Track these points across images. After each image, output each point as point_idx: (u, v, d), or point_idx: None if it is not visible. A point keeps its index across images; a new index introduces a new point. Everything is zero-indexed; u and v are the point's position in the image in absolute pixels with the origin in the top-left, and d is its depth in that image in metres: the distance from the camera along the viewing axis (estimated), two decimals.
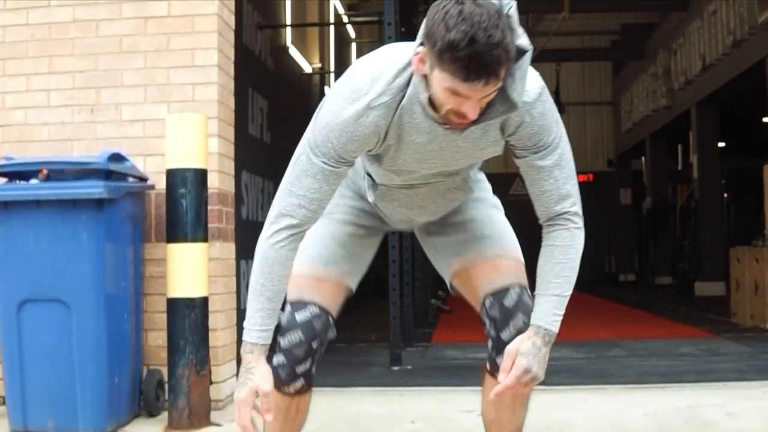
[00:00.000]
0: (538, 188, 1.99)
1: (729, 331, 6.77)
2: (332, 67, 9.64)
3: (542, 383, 2.02)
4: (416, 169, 2.00)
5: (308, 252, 2.17)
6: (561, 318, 2.00)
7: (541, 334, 1.97)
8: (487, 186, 2.31)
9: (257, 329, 1.98)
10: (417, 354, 5.62)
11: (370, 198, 2.12)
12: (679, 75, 12.86)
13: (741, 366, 4.84)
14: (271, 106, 6.97)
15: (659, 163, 16.06)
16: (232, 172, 4.21)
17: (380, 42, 5.98)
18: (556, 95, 14.02)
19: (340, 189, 2.19)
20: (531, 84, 1.88)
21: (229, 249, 4.14)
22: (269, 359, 2.03)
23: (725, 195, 15.27)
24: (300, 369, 2.12)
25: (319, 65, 8.87)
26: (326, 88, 9.36)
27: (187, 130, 3.61)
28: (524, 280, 2.15)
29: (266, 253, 1.98)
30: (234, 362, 4.21)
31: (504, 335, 2.08)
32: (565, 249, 2.00)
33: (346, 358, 5.51)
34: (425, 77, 1.78)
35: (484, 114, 1.80)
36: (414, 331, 6.38)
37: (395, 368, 4.95)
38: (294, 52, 8.01)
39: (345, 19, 10.65)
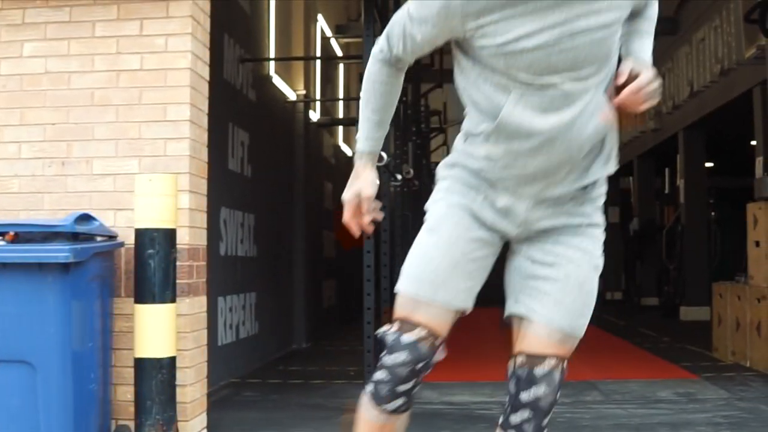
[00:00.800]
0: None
1: (709, 370, 6.76)
2: (318, 94, 9.61)
3: None
4: (540, 38, 1.97)
5: (416, 272, 2.14)
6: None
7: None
8: (600, 234, 2.22)
9: (364, 138, 2.21)
10: None
11: (507, 107, 2.04)
12: (667, 99, 12.86)
13: (716, 418, 4.82)
14: (252, 139, 6.94)
15: (646, 185, 16.08)
16: (205, 225, 4.18)
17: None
18: None
19: (449, 196, 2.16)
20: None
21: (200, 303, 4.11)
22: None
23: (713, 213, 15.26)
24: (401, 388, 2.11)
25: (304, 92, 8.83)
26: (311, 112, 9.34)
27: (156, 191, 3.59)
28: (566, 355, 2.14)
29: (370, 68, 2.19)
30: (204, 415, 4.18)
31: (523, 396, 2.10)
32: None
33: (322, 401, 5.48)
34: None
35: None
36: None
37: None
38: (278, 80, 7.98)
39: (333, 42, 10.62)
